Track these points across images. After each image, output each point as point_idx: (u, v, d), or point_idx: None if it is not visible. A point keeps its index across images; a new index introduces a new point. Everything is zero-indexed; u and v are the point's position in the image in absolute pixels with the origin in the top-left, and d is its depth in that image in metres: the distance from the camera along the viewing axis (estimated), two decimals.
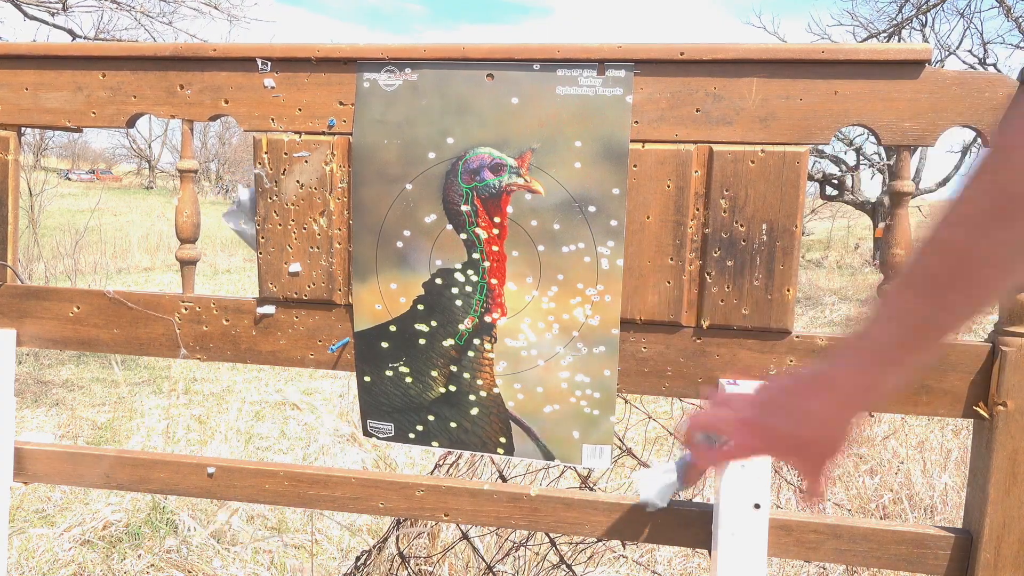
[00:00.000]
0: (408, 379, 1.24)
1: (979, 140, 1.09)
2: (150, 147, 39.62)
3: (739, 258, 1.13)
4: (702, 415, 0.71)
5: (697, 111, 1.12)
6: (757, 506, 1.10)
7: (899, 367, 0.61)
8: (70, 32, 8.43)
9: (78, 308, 1.33)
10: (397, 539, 2.04)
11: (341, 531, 2.71)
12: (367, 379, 1.26)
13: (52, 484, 2.19)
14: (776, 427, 0.65)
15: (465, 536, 2.00)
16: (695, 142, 1.13)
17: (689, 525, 1.18)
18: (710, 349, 1.16)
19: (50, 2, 7.92)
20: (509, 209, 1.16)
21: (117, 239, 14.54)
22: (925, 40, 13.25)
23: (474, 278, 1.19)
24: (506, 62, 1.15)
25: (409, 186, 1.19)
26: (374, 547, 2.12)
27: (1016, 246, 0.55)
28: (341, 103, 1.21)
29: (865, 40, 12.86)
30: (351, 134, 1.20)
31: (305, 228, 1.24)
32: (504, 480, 1.87)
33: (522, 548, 2.07)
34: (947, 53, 15.17)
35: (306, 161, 1.22)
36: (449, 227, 1.19)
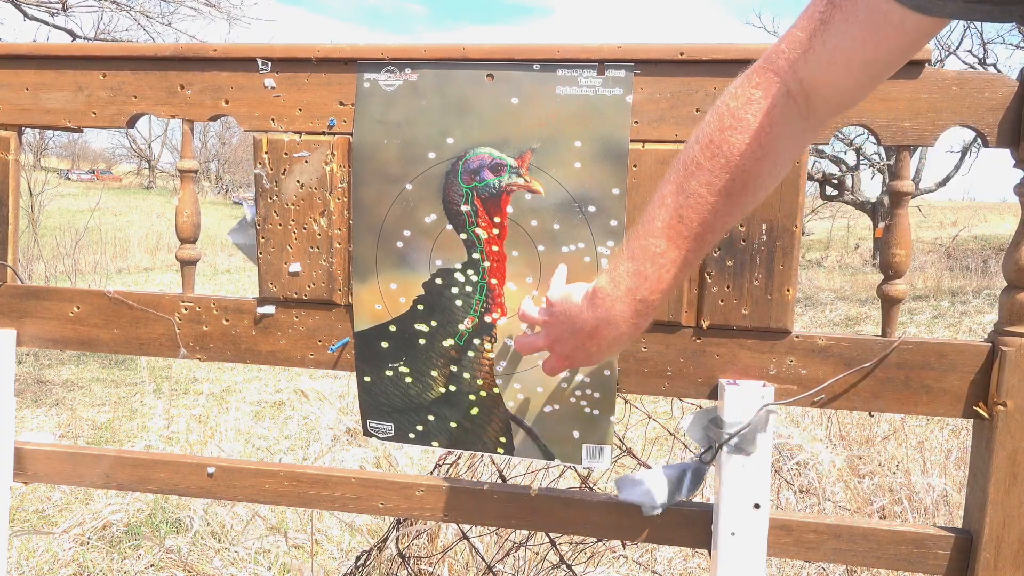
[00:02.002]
0: (408, 379, 1.24)
1: (979, 140, 1.09)
2: (150, 147, 39.62)
3: (739, 258, 1.13)
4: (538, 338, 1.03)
5: (697, 111, 1.12)
6: (757, 506, 1.10)
7: (653, 313, 0.88)
8: (70, 32, 8.44)
9: (78, 308, 1.33)
10: (397, 539, 2.04)
11: (341, 531, 2.71)
12: (367, 379, 1.26)
13: (52, 484, 2.19)
14: (570, 355, 0.98)
15: (465, 536, 2.00)
16: None
17: (689, 525, 1.19)
18: (710, 349, 1.16)
19: (50, 2, 7.92)
20: (509, 209, 1.16)
21: (117, 239, 14.55)
22: None
23: (474, 278, 1.19)
24: (506, 62, 1.15)
25: (409, 186, 1.19)
26: (374, 547, 2.12)
27: (741, 210, 0.84)
28: (341, 103, 1.21)
29: None
30: (351, 134, 1.20)
31: (305, 228, 1.24)
32: (504, 480, 1.87)
33: (522, 548, 2.07)
34: (947, 53, 15.18)
35: (306, 161, 1.22)
36: (449, 227, 1.19)
